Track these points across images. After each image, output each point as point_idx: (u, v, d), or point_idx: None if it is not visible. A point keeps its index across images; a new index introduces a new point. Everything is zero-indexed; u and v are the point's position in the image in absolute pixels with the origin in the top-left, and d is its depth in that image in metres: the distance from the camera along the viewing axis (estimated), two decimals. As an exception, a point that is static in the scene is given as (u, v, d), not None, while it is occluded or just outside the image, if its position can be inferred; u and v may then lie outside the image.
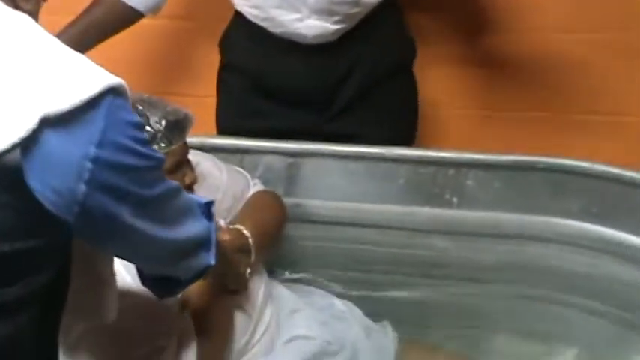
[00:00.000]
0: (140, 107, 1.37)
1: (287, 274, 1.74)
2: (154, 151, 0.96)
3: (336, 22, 1.71)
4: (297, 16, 1.69)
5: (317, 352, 1.53)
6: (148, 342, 1.29)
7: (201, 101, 1.89)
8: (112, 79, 0.88)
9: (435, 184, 1.72)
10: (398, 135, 1.85)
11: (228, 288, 1.43)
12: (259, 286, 1.54)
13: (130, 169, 0.90)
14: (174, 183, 1.03)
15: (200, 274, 1.15)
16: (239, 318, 1.45)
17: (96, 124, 0.86)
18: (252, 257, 1.45)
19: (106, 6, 1.75)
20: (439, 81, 2.11)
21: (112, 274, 1.12)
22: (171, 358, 1.30)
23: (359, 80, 1.78)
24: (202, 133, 1.69)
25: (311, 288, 1.70)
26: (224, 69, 1.88)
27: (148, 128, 1.35)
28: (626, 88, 2.09)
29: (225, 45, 1.86)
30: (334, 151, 1.73)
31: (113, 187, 0.89)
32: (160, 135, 1.35)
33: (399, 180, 1.72)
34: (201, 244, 1.11)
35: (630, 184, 1.62)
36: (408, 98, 1.90)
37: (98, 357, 1.25)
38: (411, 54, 1.88)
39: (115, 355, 1.23)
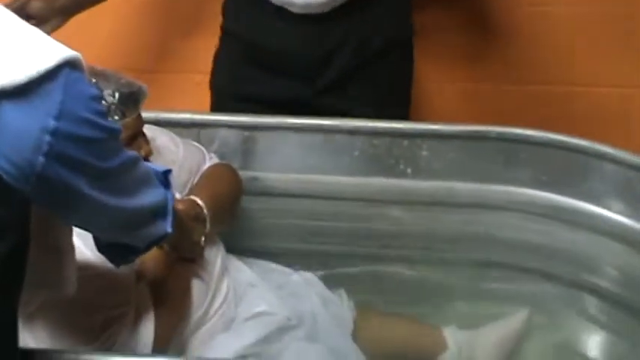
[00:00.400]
0: (94, 80, 1.37)
1: (243, 248, 1.75)
2: (111, 122, 0.97)
3: None
4: None
5: (278, 328, 1.55)
6: (105, 311, 1.30)
7: (162, 77, 1.89)
8: (68, 53, 0.89)
9: (389, 154, 1.73)
10: (391, 109, 1.85)
11: (184, 256, 1.44)
12: (216, 257, 1.55)
13: (88, 141, 0.91)
14: (132, 153, 1.04)
15: (157, 241, 1.17)
16: (196, 287, 1.47)
17: (54, 96, 0.87)
18: (207, 226, 1.47)
19: None
20: (430, 55, 2.12)
21: (71, 245, 1.13)
22: (129, 327, 1.32)
23: (349, 54, 1.78)
24: (157, 108, 1.69)
25: (268, 263, 1.71)
26: (222, 33, 1.89)
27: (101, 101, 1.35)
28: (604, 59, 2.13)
29: (225, 10, 1.88)
30: (290, 123, 1.74)
31: (71, 159, 0.89)
32: (113, 107, 1.36)
33: (354, 151, 1.73)
34: (158, 212, 1.13)
35: (578, 150, 1.66)
36: (401, 77, 1.91)
37: (55, 326, 1.26)
38: (407, 32, 1.88)
39: (71, 324, 1.24)
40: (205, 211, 1.47)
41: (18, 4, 1.66)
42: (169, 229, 1.14)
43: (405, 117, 1.91)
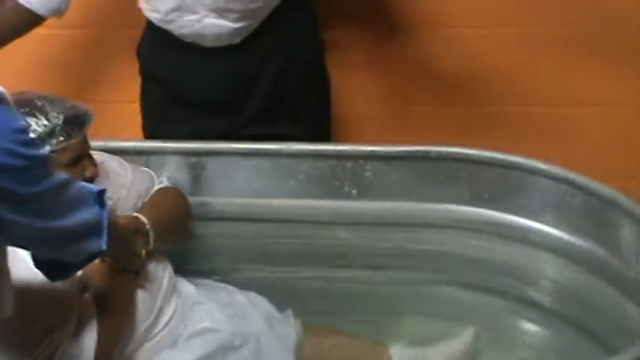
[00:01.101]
0: (40, 103, 1.42)
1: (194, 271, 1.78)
2: (36, 150, 1.01)
3: (236, 20, 1.75)
4: (195, 17, 1.74)
5: (222, 344, 1.58)
6: (46, 319, 1.33)
7: (104, 107, 1.92)
8: None
9: (334, 176, 1.79)
10: (314, 132, 1.91)
11: (127, 268, 1.47)
12: (164, 274, 1.59)
13: (10, 169, 0.95)
14: (62, 177, 1.07)
15: (91, 258, 1.21)
16: (143, 300, 1.50)
17: None
18: (151, 242, 1.51)
19: (6, 11, 1.77)
20: (352, 79, 2.18)
21: (6, 266, 1.15)
22: (71, 335, 1.34)
23: (268, 81, 1.83)
24: (104, 137, 1.72)
25: (215, 283, 1.74)
26: (141, 75, 1.92)
27: (45, 122, 1.40)
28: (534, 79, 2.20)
29: (140, 52, 1.91)
30: (236, 148, 1.79)
31: None
32: (58, 128, 1.40)
33: (299, 175, 1.78)
34: (92, 230, 1.16)
35: (514, 167, 1.72)
36: (321, 97, 1.96)
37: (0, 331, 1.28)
38: (320, 52, 1.94)
39: (16, 329, 1.26)
40: (147, 226, 1.52)
41: None
42: (104, 247, 1.18)
43: (328, 137, 1.96)
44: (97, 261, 1.38)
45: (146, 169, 1.73)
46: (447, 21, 2.15)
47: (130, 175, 1.65)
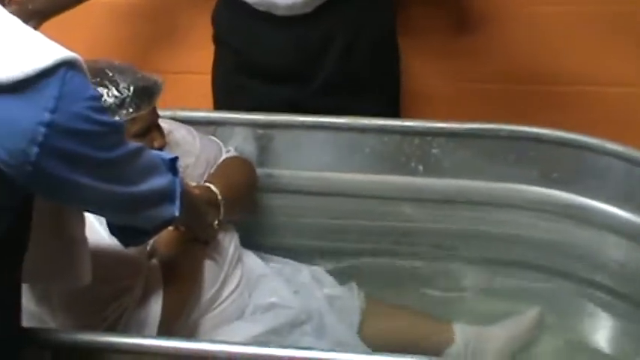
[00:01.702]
0: (110, 73, 1.43)
1: (258, 243, 1.79)
2: (109, 117, 1.03)
3: None
4: None
5: (290, 321, 1.59)
6: (115, 282, 1.35)
7: (176, 77, 1.94)
8: (66, 54, 0.95)
9: (400, 152, 1.77)
10: (381, 108, 1.89)
11: (198, 238, 1.49)
12: (230, 245, 1.60)
13: (84, 134, 0.97)
14: (135, 145, 1.09)
15: (165, 224, 1.22)
16: (208, 269, 1.52)
17: (50, 92, 0.93)
18: (221, 212, 1.52)
19: None
20: (424, 56, 2.15)
21: (84, 235, 1.19)
22: (137, 300, 1.36)
23: (337, 53, 1.82)
24: (175, 106, 1.74)
25: (278, 257, 1.75)
26: (214, 43, 1.94)
27: (116, 93, 1.41)
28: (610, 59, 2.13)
29: (214, 18, 1.92)
30: (303, 121, 1.78)
31: (67, 151, 0.96)
32: (128, 100, 1.41)
33: (365, 149, 1.77)
34: (164, 196, 1.18)
35: (587, 148, 1.68)
36: (391, 72, 1.94)
37: (68, 297, 1.31)
38: (392, 28, 1.91)
39: (83, 294, 1.28)
40: (219, 197, 1.53)
41: None
42: (177, 213, 1.20)
43: (396, 114, 1.94)
44: (167, 229, 1.40)
45: (214, 138, 1.74)
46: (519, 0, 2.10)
47: (198, 143, 1.66)
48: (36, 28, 1.75)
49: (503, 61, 2.16)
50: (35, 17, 1.75)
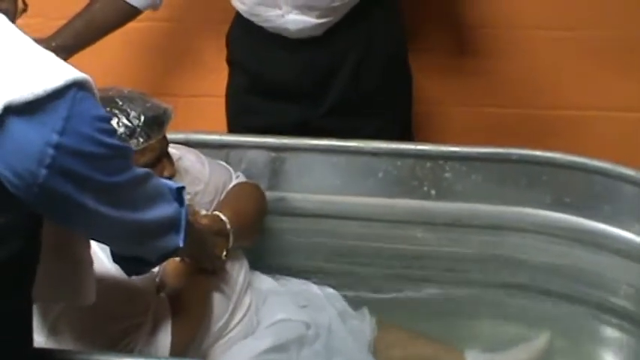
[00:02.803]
0: (120, 102, 1.43)
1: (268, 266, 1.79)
2: (118, 141, 1.02)
3: (319, 16, 1.76)
4: (279, 12, 1.75)
5: (297, 336, 1.59)
6: (125, 320, 1.36)
7: (189, 101, 1.96)
8: (76, 74, 0.95)
9: (413, 176, 1.77)
10: (391, 129, 1.90)
11: (205, 268, 1.48)
12: (239, 272, 1.60)
13: (92, 157, 0.96)
14: (142, 170, 1.09)
15: (168, 254, 1.21)
16: (217, 300, 1.52)
17: (59, 113, 0.93)
18: (231, 241, 1.52)
19: (105, 2, 1.82)
20: (432, 78, 2.16)
21: (90, 257, 1.18)
22: (147, 336, 1.37)
23: (348, 74, 1.83)
24: (187, 130, 1.75)
25: (289, 277, 1.76)
26: (228, 64, 1.95)
27: (126, 122, 1.41)
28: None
29: (228, 39, 1.94)
30: (315, 145, 1.78)
31: (74, 173, 0.95)
32: (138, 130, 1.41)
33: (378, 173, 1.77)
34: (170, 226, 1.17)
35: (599, 172, 1.68)
36: (401, 93, 1.95)
37: (77, 334, 1.31)
38: (402, 47, 1.92)
39: (92, 332, 1.29)
40: (228, 226, 1.53)
41: None
42: (181, 243, 1.19)
43: (407, 134, 1.95)
44: (173, 260, 1.42)
45: (223, 163, 1.75)
46: (528, 22, 2.11)
47: (207, 169, 1.66)
48: None
49: (516, 82, 2.16)
50: (60, 54, 1.76)
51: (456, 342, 1.76)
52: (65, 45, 1.78)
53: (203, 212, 1.56)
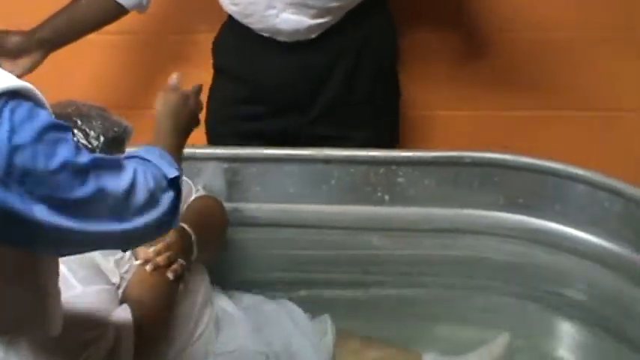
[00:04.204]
0: (79, 122, 1.40)
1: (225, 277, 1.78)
2: (68, 151, 0.96)
3: (314, 16, 1.74)
4: (273, 11, 1.73)
5: None
6: (87, 331, 1.32)
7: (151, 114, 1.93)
8: (13, 83, 0.91)
9: (367, 182, 1.77)
10: (379, 136, 1.90)
11: (168, 278, 1.46)
12: (200, 285, 1.59)
13: (41, 169, 0.92)
14: (126, 179, 1.04)
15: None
16: (181, 310, 1.50)
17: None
18: (195, 251, 1.51)
19: None
20: (423, 82, 2.17)
21: (57, 288, 1.14)
22: (109, 346, 1.34)
23: (340, 79, 1.82)
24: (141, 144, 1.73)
25: (247, 294, 1.74)
26: (215, 71, 1.93)
27: (85, 143, 1.39)
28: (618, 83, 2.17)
29: (215, 47, 1.92)
30: (268, 154, 1.78)
31: (23, 188, 0.91)
32: (97, 151, 1.39)
33: (331, 180, 1.77)
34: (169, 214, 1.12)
35: (550, 173, 1.70)
36: (389, 99, 1.95)
37: (38, 347, 1.28)
38: (394, 55, 1.92)
39: (53, 344, 1.26)
40: (193, 237, 1.52)
41: None
42: (175, 226, 1.15)
43: (396, 139, 1.96)
44: (139, 271, 1.42)
45: (184, 178, 1.73)
46: (512, 25, 2.13)
47: None
48: (40, 60, 1.74)
49: (505, 87, 2.18)
50: (41, 47, 1.75)
51: (415, 345, 1.76)
52: (46, 39, 1.75)
53: None
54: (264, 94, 1.84)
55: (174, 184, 1.15)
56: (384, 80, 1.90)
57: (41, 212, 0.94)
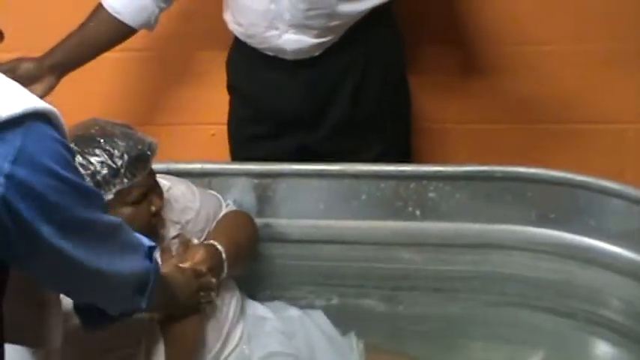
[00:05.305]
0: (102, 140, 1.40)
1: (257, 292, 1.78)
2: (77, 177, 0.98)
3: (316, 36, 1.75)
4: (276, 32, 1.74)
5: None
6: (116, 351, 1.34)
7: (170, 129, 1.95)
8: (37, 104, 0.92)
9: (397, 197, 1.76)
10: (391, 149, 1.90)
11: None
12: (231, 301, 1.59)
13: (48, 189, 0.92)
14: (113, 219, 1.05)
15: (131, 312, 1.18)
16: (209, 330, 1.50)
17: (13, 142, 0.90)
18: (225, 271, 1.51)
19: (99, 21, 1.81)
20: (431, 95, 2.16)
21: (57, 299, 1.14)
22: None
23: (347, 95, 1.82)
24: (168, 159, 1.74)
25: (279, 303, 1.74)
26: (229, 91, 1.95)
27: (110, 163, 1.39)
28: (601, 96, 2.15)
29: (227, 66, 1.94)
30: (297, 170, 1.77)
31: (29, 204, 0.91)
32: (122, 170, 1.39)
33: (361, 195, 1.76)
34: (136, 284, 1.13)
35: (583, 187, 1.68)
36: (399, 112, 1.94)
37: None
38: (401, 67, 1.92)
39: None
40: (224, 255, 1.52)
41: (8, 65, 1.71)
42: (144, 306, 1.15)
43: (408, 153, 1.95)
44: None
45: (213, 192, 1.73)
46: (519, 38, 2.11)
47: (198, 198, 1.65)
48: (54, 84, 1.77)
49: (513, 99, 2.16)
50: (53, 72, 1.77)
51: (447, 364, 1.75)
52: (58, 63, 1.78)
53: (195, 241, 1.54)
54: (274, 112, 1.85)
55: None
56: (392, 93, 1.89)
57: (43, 230, 0.93)
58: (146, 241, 1.17)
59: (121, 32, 1.83)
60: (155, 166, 1.54)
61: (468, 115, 2.20)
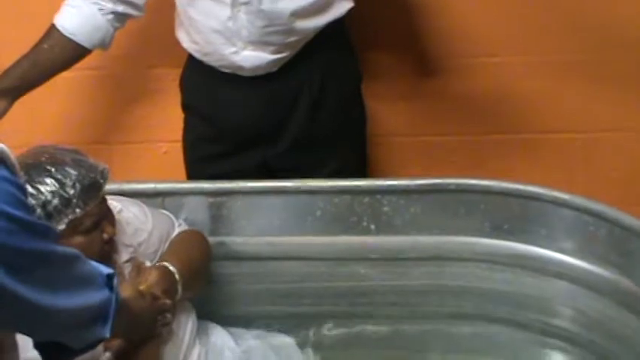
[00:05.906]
0: (52, 169, 1.38)
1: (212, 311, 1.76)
2: (30, 212, 0.96)
3: (274, 52, 1.76)
4: (233, 49, 1.74)
5: None
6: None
7: (123, 148, 1.93)
8: None
9: (352, 212, 1.76)
10: (351, 164, 1.91)
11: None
12: (187, 323, 1.58)
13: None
14: (68, 251, 1.03)
15: (93, 344, 1.15)
16: (165, 354, 1.48)
17: None
18: (179, 293, 1.49)
19: (53, 42, 1.80)
20: (384, 108, 2.17)
21: (14, 342, 1.09)
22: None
23: (305, 109, 1.83)
24: (120, 180, 1.72)
25: (235, 329, 1.73)
26: (183, 109, 1.93)
27: (61, 193, 1.36)
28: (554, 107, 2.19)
29: (182, 85, 1.92)
30: (252, 187, 1.77)
31: None
32: (74, 200, 1.37)
33: (316, 211, 1.76)
34: (96, 315, 1.11)
35: (535, 198, 1.70)
36: (356, 124, 1.95)
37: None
38: (357, 81, 1.93)
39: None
40: (177, 276, 1.50)
41: None
42: (107, 335, 1.13)
43: (364, 166, 1.96)
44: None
45: (165, 212, 1.71)
46: (471, 50, 2.14)
47: (150, 220, 1.63)
48: (7, 108, 1.74)
49: (465, 111, 2.19)
50: (6, 97, 1.76)
51: (406, 377, 1.75)
52: (11, 87, 1.76)
53: (148, 263, 1.52)
54: (232, 130, 1.84)
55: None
56: (349, 107, 1.91)
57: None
58: (104, 269, 1.14)
59: (76, 53, 1.82)
60: (108, 186, 1.52)
61: (421, 127, 2.22)
